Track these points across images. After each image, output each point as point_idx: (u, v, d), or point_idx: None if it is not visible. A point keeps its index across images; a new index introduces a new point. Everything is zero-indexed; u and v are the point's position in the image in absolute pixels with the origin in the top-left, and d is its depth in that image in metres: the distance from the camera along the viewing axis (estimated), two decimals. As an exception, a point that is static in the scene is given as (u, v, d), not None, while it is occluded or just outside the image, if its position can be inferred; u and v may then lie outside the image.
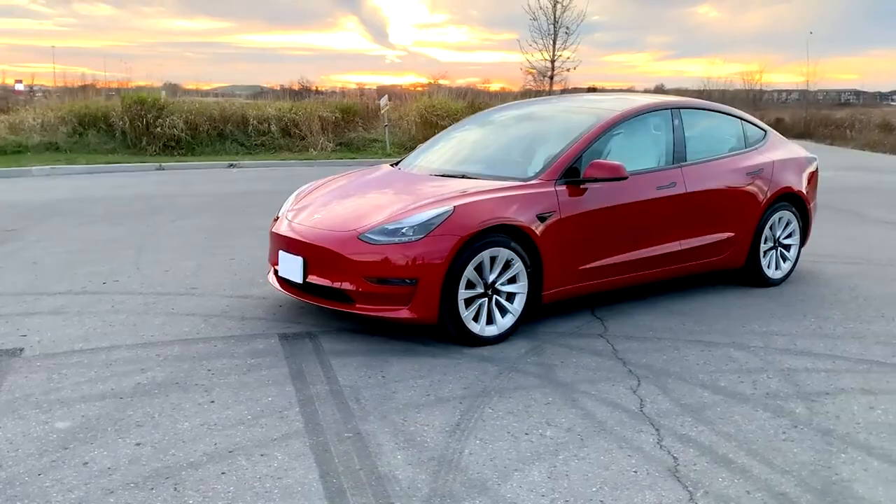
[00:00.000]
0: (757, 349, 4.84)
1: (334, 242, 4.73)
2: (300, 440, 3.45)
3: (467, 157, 5.80)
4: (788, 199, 6.43)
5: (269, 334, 4.92)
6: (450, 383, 4.18)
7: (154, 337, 4.85)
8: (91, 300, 5.63)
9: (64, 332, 4.91)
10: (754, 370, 4.47)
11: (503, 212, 4.76)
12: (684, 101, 6.41)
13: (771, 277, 6.39)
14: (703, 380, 4.30)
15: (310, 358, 4.51)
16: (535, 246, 4.87)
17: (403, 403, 3.90)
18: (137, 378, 4.16)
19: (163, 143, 17.33)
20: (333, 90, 34.68)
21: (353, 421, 3.67)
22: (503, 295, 4.84)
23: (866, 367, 4.57)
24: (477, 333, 4.73)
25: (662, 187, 5.56)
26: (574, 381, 4.26)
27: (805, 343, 4.97)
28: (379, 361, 4.48)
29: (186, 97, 23.54)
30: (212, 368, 4.32)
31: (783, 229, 6.45)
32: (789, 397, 4.07)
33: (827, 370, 4.49)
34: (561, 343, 4.88)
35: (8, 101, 20.55)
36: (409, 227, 4.60)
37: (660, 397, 4.04)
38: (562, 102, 6.56)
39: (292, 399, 3.91)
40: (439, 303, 4.57)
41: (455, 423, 3.67)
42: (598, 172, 5.10)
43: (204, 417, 3.68)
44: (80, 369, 4.28)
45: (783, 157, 6.49)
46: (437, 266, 4.52)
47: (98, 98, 20.20)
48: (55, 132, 17.03)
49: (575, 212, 5.09)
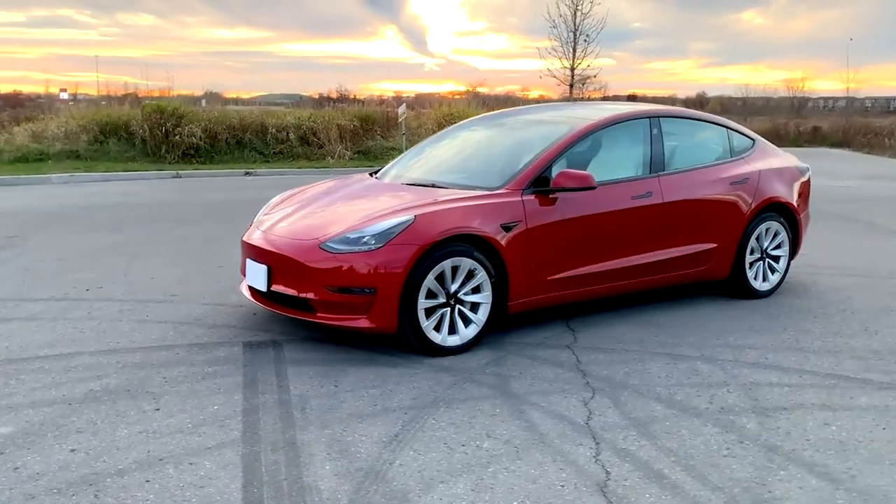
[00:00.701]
0: (725, 362, 4.76)
1: (296, 251, 4.74)
2: (233, 449, 3.46)
3: (441, 167, 5.79)
4: (776, 209, 6.32)
5: (234, 342, 4.93)
6: (400, 393, 4.16)
7: (119, 344, 4.89)
8: (69, 307, 5.71)
9: (33, 337, 4.97)
10: (715, 384, 4.39)
11: (465, 221, 4.73)
12: (665, 110, 6.34)
13: (758, 289, 6.28)
14: (660, 393, 4.23)
15: (268, 367, 4.51)
16: (499, 256, 4.82)
17: (348, 413, 3.88)
18: (91, 385, 4.20)
19: (182, 151, 17.54)
20: (371, 98, 34.95)
21: (291, 430, 3.66)
22: (467, 305, 4.81)
23: (833, 382, 4.46)
24: (438, 343, 4.70)
25: (638, 197, 5.49)
26: (527, 392, 4.21)
27: (776, 357, 4.87)
28: (335, 371, 4.48)
29: (216, 105, 23.84)
30: (167, 376, 4.34)
31: (771, 240, 6.33)
32: (744, 412, 3.99)
33: (791, 385, 4.39)
34: (525, 354, 4.84)
35: (35, 110, 20.89)
36: (371, 236, 4.60)
37: (610, 410, 3.98)
38: (543, 112, 6.51)
39: (238, 408, 3.91)
40: (398, 312, 4.55)
41: (394, 434, 3.64)
42: (567, 182, 5.06)
43: (145, 425, 3.70)
44: (38, 375, 4.33)
45: (771, 167, 6.38)
46: (395, 275, 4.50)
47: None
48: (77, 140, 17.33)
49: (543, 221, 5.04)
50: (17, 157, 16.43)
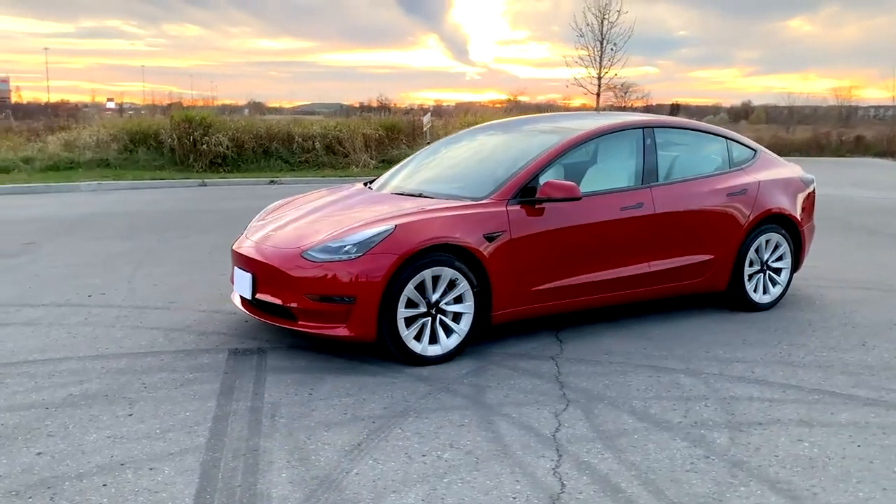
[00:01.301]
0: (709, 376, 4.69)
1: (279, 259, 4.79)
2: (195, 455, 3.50)
3: (432, 177, 5.80)
4: (777, 220, 6.22)
5: (220, 349, 4.99)
6: (373, 402, 4.17)
7: (108, 350, 4.97)
8: (68, 312, 5.82)
9: (26, 342, 5.08)
10: (694, 398, 4.33)
11: (446, 231, 4.74)
12: (659, 121, 6.29)
13: (758, 302, 6.19)
14: (635, 406, 4.19)
15: (248, 374, 4.56)
16: (482, 266, 4.82)
17: (317, 422, 3.91)
18: (72, 389, 4.28)
19: (209, 160, 17.79)
20: (411, 107, 35.16)
21: (256, 438, 3.70)
22: (449, 315, 4.81)
23: (817, 397, 4.38)
24: (419, 353, 4.71)
25: (628, 208, 5.45)
26: (501, 403, 4.20)
27: (763, 371, 4.80)
28: (314, 379, 4.51)
29: (258, 114, 24.16)
30: (147, 382, 4.41)
31: (771, 252, 6.24)
32: (717, 426, 3.93)
33: (772, 400, 4.32)
34: (507, 364, 4.82)
35: (70, 119, 21.35)
36: (351, 245, 4.63)
37: (580, 422, 3.95)
38: (538, 122, 6.49)
39: (209, 415, 3.96)
40: (377, 321, 4.57)
41: (357, 443, 3.66)
42: (552, 192, 5.04)
43: (115, 430, 3.76)
44: (22, 379, 4.42)
45: (771, 178, 6.29)
46: (374, 284, 4.53)
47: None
48: (107, 149, 17.67)
49: (528, 232, 5.03)
50: (48, 165, 16.80)
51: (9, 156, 17.03)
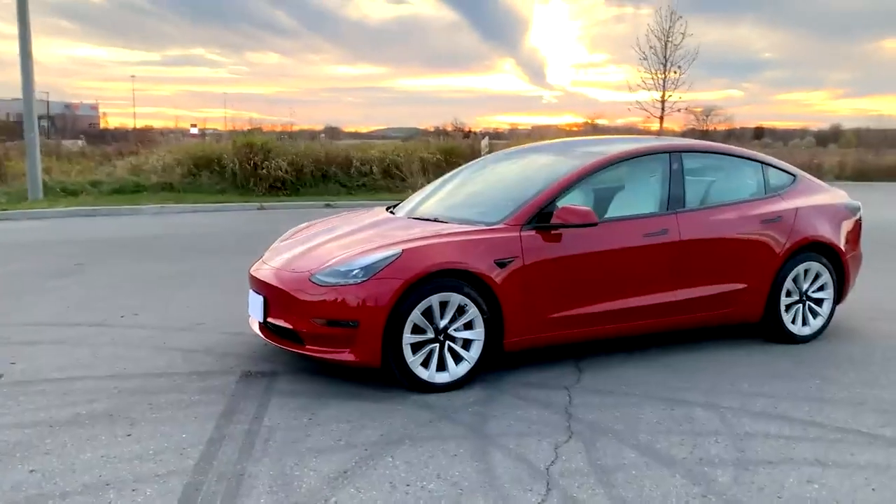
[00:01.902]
0: (727, 410, 4.50)
1: (288, 283, 4.80)
2: (180, 478, 3.50)
3: (452, 202, 5.75)
4: (817, 249, 5.96)
5: (233, 372, 5.02)
6: (370, 429, 4.12)
7: (126, 370, 5.06)
8: (98, 332, 5.95)
9: (51, 361, 5.21)
10: (706, 433, 4.15)
11: (453, 256, 4.68)
12: (689, 145, 6.12)
13: (797, 334, 5.92)
14: (641, 440, 4.04)
15: (254, 397, 4.57)
16: (492, 292, 4.74)
17: (308, 447, 3.88)
18: (80, 408, 4.35)
19: (269, 184, 18.13)
20: (486, 131, 35.30)
21: (245, 462, 3.68)
22: (458, 342, 4.74)
23: (840, 436, 4.15)
24: (426, 380, 4.64)
25: (651, 234, 5.30)
26: (501, 433, 4.10)
27: (787, 406, 4.58)
28: (317, 403, 4.49)
29: (334, 139, 24.55)
30: (154, 403, 4.46)
31: (811, 282, 5.97)
32: (723, 464, 3.75)
33: (790, 437, 4.11)
34: (517, 393, 4.72)
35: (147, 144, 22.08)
36: (358, 269, 4.61)
37: (579, 455, 3.83)
38: (568, 147, 6.36)
39: (204, 437, 3.97)
40: (382, 346, 4.53)
41: (343, 471, 3.61)
42: (567, 218, 4.94)
43: (110, 450, 3.80)
44: (36, 397, 4.52)
45: (811, 204, 6.04)
46: (379, 309, 4.49)
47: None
48: (172, 173, 18.19)
49: (543, 258, 4.93)
50: (115, 188, 17.38)
51: (78, 179, 17.69)
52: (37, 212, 14.87)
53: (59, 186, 17.10)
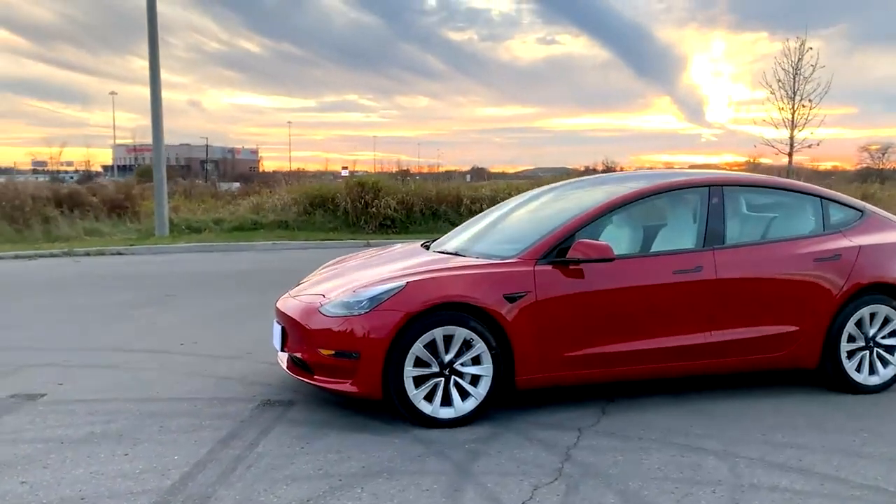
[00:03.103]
0: (743, 460, 4.20)
1: (300, 313, 4.90)
2: (150, 496, 3.62)
3: (479, 236, 5.70)
4: (886, 291, 5.49)
5: (254, 399, 5.15)
6: (355, 460, 4.12)
7: (158, 394, 5.29)
8: (150, 358, 6.26)
9: (93, 383, 5.52)
10: (706, 482, 3.88)
11: (459, 289, 4.64)
12: (733, 178, 5.83)
13: (861, 383, 5.45)
14: (630, 486, 3.83)
15: (260, 424, 4.66)
16: (501, 327, 4.66)
17: (285, 475, 3.92)
18: (97, 427, 4.59)
19: (379, 222, 18.59)
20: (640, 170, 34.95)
21: (219, 486, 3.76)
22: (466, 377, 4.67)
23: (859, 493, 3.78)
24: (429, 414, 4.60)
25: (683, 272, 5.06)
26: (486, 471, 3.99)
27: (814, 460, 4.22)
28: (318, 434, 4.53)
29: (481, 180, 25.01)
30: (165, 425, 4.63)
31: (880, 327, 5.49)
32: (707, 516, 3.49)
33: (799, 492, 3.78)
34: (525, 432, 4.59)
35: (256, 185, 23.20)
36: (366, 300, 4.64)
37: (555, 498, 3.67)
38: (605, 181, 6.19)
39: (193, 460, 4.09)
40: (382, 378, 4.53)
41: (306, 499, 3.63)
42: (583, 253, 4.80)
43: (102, 467, 3.98)
44: (64, 416, 4.80)
45: (880, 243, 5.58)
46: (379, 341, 4.50)
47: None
48: (288, 212, 18.98)
49: (558, 293, 4.81)
50: (235, 226, 18.32)
51: (203, 217, 18.76)
52: (159, 247, 15.85)
53: (184, 224, 18.19)
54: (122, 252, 15.25)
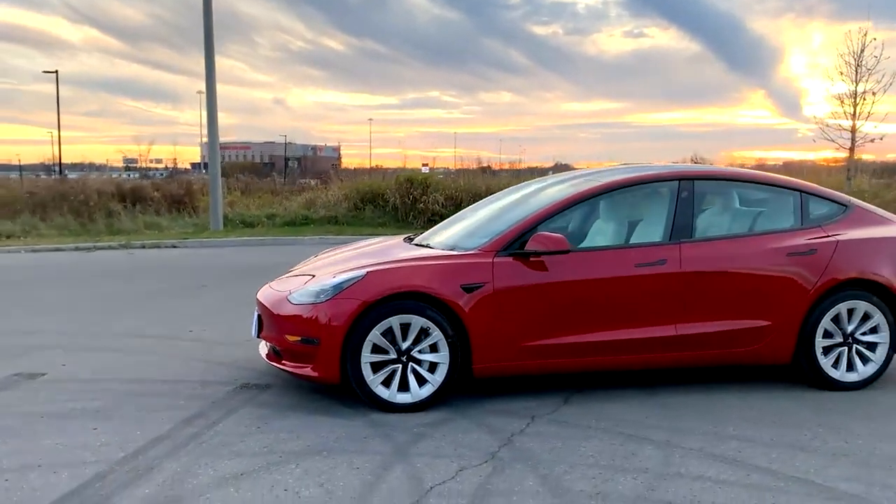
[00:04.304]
0: (681, 450, 4.26)
1: (271, 301, 5.15)
2: (97, 466, 3.92)
3: (453, 230, 5.83)
4: (864, 286, 5.42)
5: (234, 383, 5.44)
6: (303, 440, 4.34)
7: (151, 375, 5.62)
8: (156, 343, 6.63)
9: (93, 365, 5.90)
10: (629, 470, 3.97)
11: (416, 280, 4.81)
12: (705, 171, 5.81)
13: (838, 380, 5.39)
14: (555, 471, 3.94)
15: (228, 406, 4.93)
16: (458, 317, 4.81)
17: (232, 451, 4.17)
18: (79, 404, 4.93)
19: (427, 217, 18.83)
20: (731, 166, 34.28)
21: (166, 459, 4.04)
22: (425, 364, 4.85)
23: (783, 485, 3.81)
24: (386, 399, 4.79)
25: (645, 265, 5.11)
26: (422, 453, 4.16)
27: (755, 452, 4.24)
28: (278, 415, 4.77)
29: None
30: (142, 404, 4.95)
31: (859, 323, 5.43)
32: (612, 500, 3.59)
33: (719, 482, 3.83)
34: (477, 418, 4.74)
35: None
36: (327, 289, 4.86)
37: (474, 479, 3.82)
38: (578, 176, 6.22)
39: (152, 436, 4.38)
40: (340, 363, 4.74)
41: (238, 473, 3.86)
42: (539, 245, 4.92)
43: (68, 439, 4.31)
44: (54, 394, 5.17)
45: (860, 237, 5.51)
46: (337, 328, 4.71)
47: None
48: (338, 208, 19.41)
49: (516, 284, 4.93)
50: (286, 221, 18.85)
51: (257, 212, 19.36)
52: (211, 241, 16.45)
53: (238, 219, 18.82)
54: (177, 245, 15.88)
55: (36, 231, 17.47)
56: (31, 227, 17.71)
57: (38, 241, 16.29)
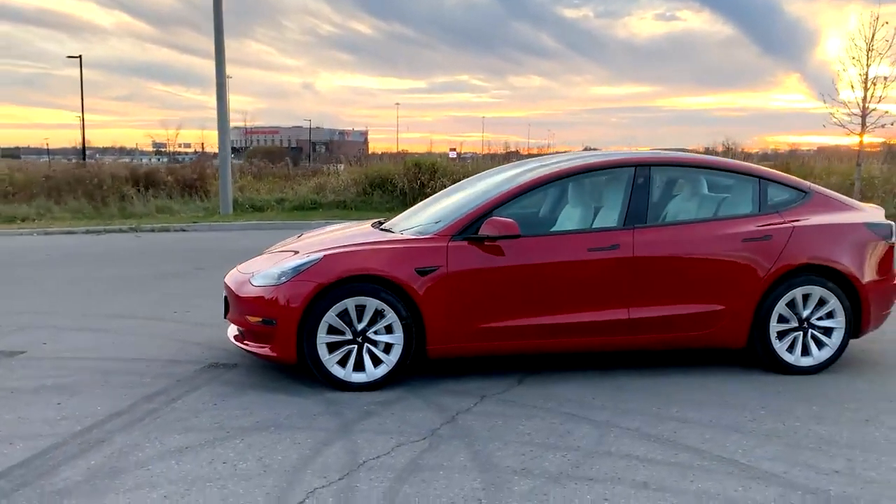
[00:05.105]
0: (617, 430, 4.39)
1: (235, 284, 5.33)
2: (53, 438, 4.13)
3: (418, 215, 5.96)
4: (819, 272, 5.49)
5: (205, 362, 5.63)
6: (255, 416, 4.52)
7: (126, 354, 5.84)
8: (139, 324, 6.85)
9: (73, 344, 6.13)
10: (563, 448, 4.10)
11: (371, 263, 4.96)
12: (662, 158, 5.88)
13: (793, 364, 5.48)
14: (488, 448, 4.09)
15: (192, 384, 5.13)
16: (412, 299, 4.96)
17: (184, 426, 4.36)
18: (50, 381, 5.16)
19: (434, 202, 18.95)
20: (764, 151, 33.78)
21: (118, 433, 4.24)
22: (380, 345, 5.01)
23: (707, 464, 3.92)
24: (342, 378, 4.96)
25: (598, 249, 5.22)
26: (365, 430, 4.32)
27: (690, 433, 4.35)
28: (238, 392, 4.96)
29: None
30: (110, 381, 5.17)
31: (814, 309, 5.51)
32: (536, 476, 3.74)
33: (645, 460, 3.95)
34: (428, 397, 4.90)
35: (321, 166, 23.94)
36: (286, 272, 5.03)
37: (407, 454, 3.98)
38: (539, 162, 6.32)
39: (112, 412, 4.58)
40: (297, 344, 4.91)
41: (185, 447, 4.05)
42: (492, 230, 5.05)
43: (30, 412, 4.54)
44: (29, 370, 5.40)
45: (817, 223, 5.57)
46: (293, 309, 4.89)
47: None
48: (347, 192, 19.61)
49: (469, 268, 5.07)
50: (295, 205, 19.08)
51: (266, 197, 19.61)
52: (219, 224, 16.73)
53: (248, 203, 19.08)
54: (185, 229, 16.17)
55: (50, 214, 17.84)
56: (45, 210, 18.09)
57: (52, 223, 16.65)
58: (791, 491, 3.62)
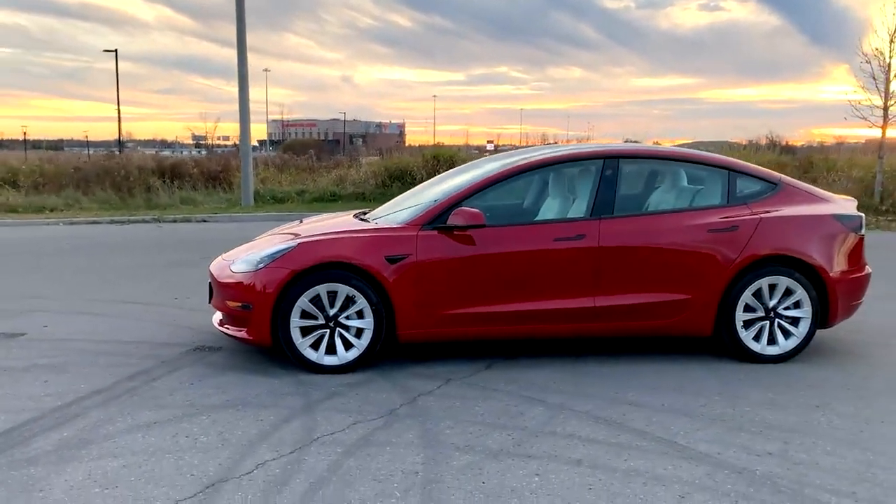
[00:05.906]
0: (568, 412, 4.56)
1: (217, 269, 5.60)
2: (32, 413, 4.42)
3: (398, 206, 6.17)
4: (786, 263, 5.61)
5: (192, 345, 5.91)
6: (227, 395, 4.78)
7: (119, 337, 6.14)
8: (139, 309, 7.16)
9: (73, 327, 6.45)
10: (510, 427, 4.30)
11: (342, 251, 5.19)
12: (630, 150, 6.03)
13: (759, 353, 5.61)
14: (440, 426, 4.29)
15: (174, 365, 5.40)
16: (382, 286, 5.18)
17: (157, 404, 4.62)
18: (43, 361, 5.46)
19: (452, 194, 19.16)
20: (809, 145, 33.39)
21: (94, 409, 4.52)
22: (352, 330, 5.24)
23: (644, 444, 4.09)
24: (314, 361, 5.20)
25: (563, 239, 5.39)
26: (327, 409, 4.55)
27: (638, 416, 4.51)
28: (216, 373, 5.22)
29: None
30: (100, 363, 5.45)
31: (780, 298, 5.63)
32: (476, 452, 3.93)
33: (585, 439, 4.13)
34: (396, 380, 5.11)
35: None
36: (263, 258, 5.28)
37: (360, 432, 4.19)
38: (512, 154, 6.48)
39: (93, 389, 4.87)
40: (271, 327, 5.16)
41: (153, 422, 4.31)
42: (459, 220, 5.24)
43: (18, 389, 4.84)
44: (26, 351, 5.72)
45: (783, 215, 5.68)
46: (268, 294, 5.14)
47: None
48: (366, 184, 19.89)
49: (437, 256, 5.27)
50: (315, 197, 19.41)
51: (287, 189, 19.96)
52: (239, 215, 17.09)
53: (269, 194, 19.45)
54: (207, 219, 16.57)
55: (78, 205, 18.36)
56: (74, 201, 18.62)
57: (78, 213, 17.15)
58: (719, 470, 3.77)
